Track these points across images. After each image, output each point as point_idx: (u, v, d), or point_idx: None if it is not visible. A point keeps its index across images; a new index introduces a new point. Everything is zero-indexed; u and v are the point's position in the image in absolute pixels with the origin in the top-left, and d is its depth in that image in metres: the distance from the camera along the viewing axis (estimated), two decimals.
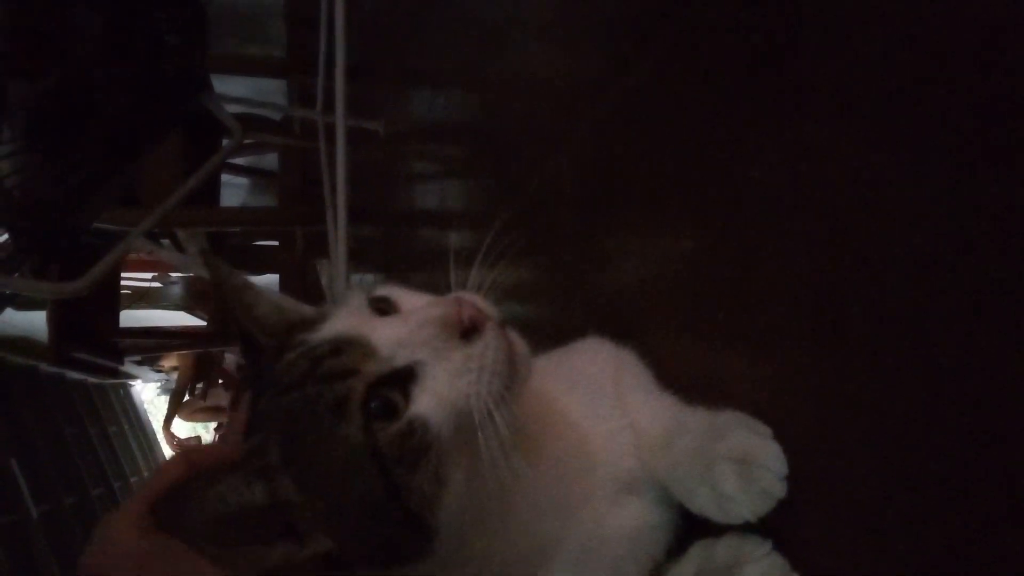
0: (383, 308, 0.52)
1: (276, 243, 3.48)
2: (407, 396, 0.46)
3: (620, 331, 0.69)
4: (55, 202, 1.26)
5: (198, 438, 5.36)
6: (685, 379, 0.63)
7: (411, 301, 0.53)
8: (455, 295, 0.50)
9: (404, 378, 0.46)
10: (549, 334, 0.64)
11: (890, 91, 0.46)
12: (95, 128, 1.27)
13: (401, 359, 0.46)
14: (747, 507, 0.50)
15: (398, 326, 0.48)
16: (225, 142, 1.91)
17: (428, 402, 0.46)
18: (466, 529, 0.48)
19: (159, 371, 4.76)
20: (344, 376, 0.45)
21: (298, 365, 0.47)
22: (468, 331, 0.47)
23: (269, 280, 3.22)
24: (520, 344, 0.50)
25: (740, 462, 0.50)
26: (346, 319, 0.50)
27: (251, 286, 0.53)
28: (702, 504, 0.52)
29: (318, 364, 0.46)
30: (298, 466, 0.45)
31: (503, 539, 0.52)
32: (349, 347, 0.47)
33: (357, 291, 0.55)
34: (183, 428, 5.05)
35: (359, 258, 2.15)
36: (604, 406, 0.60)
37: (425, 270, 0.50)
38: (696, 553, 0.54)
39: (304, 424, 0.45)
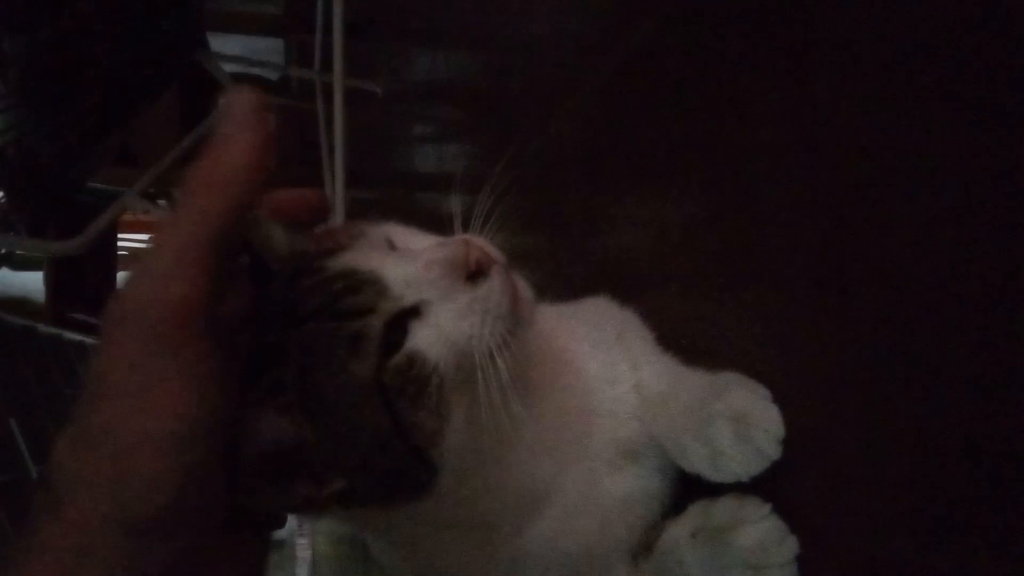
0: (392, 244, 0.52)
1: None
2: (406, 332, 0.46)
3: (620, 294, 0.69)
4: (50, 158, 1.25)
5: None
6: (685, 341, 0.63)
7: (415, 242, 0.53)
8: (463, 237, 0.50)
9: (408, 316, 0.46)
10: (548, 296, 0.64)
11: (902, 48, 0.45)
12: (91, 83, 1.25)
13: (409, 298, 0.46)
14: (741, 465, 0.50)
15: (407, 265, 0.48)
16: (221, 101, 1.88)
17: (427, 338, 0.46)
18: (466, 467, 0.48)
19: None
20: (362, 314, 0.45)
21: (315, 295, 0.46)
22: (474, 273, 0.47)
23: None
24: (525, 288, 0.50)
25: (737, 420, 0.50)
26: (362, 254, 0.49)
27: (265, 217, 0.52)
28: (696, 461, 0.53)
29: (336, 299, 0.46)
30: (311, 403, 0.45)
31: (498, 481, 0.52)
32: (366, 284, 0.47)
33: (377, 226, 0.54)
34: None
35: (356, 221, 2.13)
36: (611, 362, 0.60)
37: (423, 233, 0.50)
38: (694, 513, 0.54)
39: (318, 360, 0.45)
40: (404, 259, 0.49)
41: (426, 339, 0.46)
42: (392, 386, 0.45)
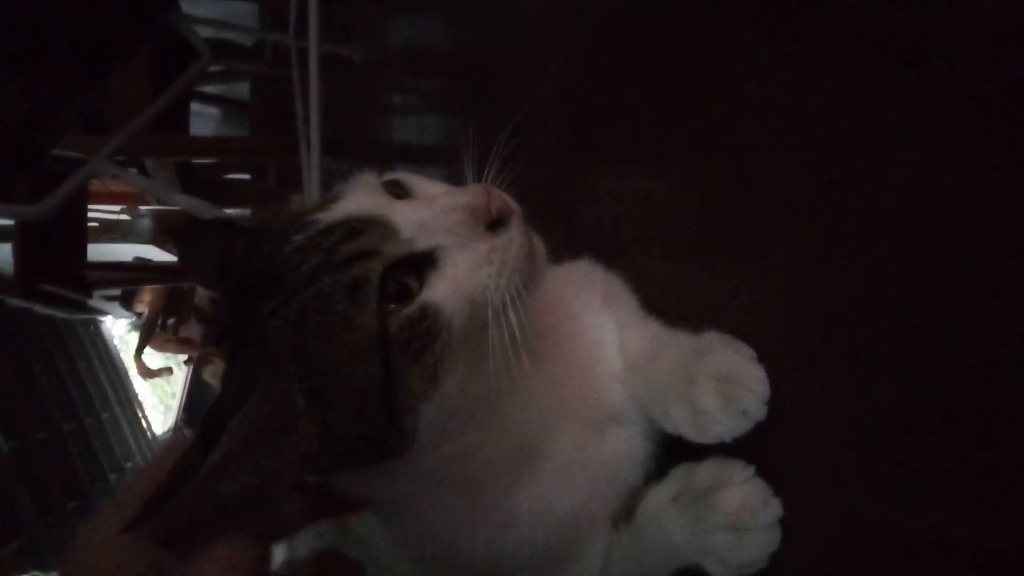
0: (397, 192, 0.50)
1: (247, 176, 3.41)
2: (422, 282, 0.44)
3: (604, 258, 0.68)
4: (17, 119, 1.21)
5: (169, 369, 5.33)
6: (669, 304, 0.62)
7: (427, 188, 0.51)
8: (484, 185, 0.48)
9: (422, 263, 0.45)
10: None
11: (892, 17, 0.44)
12: (58, 43, 1.21)
13: (423, 243, 0.45)
14: (725, 426, 0.49)
15: (422, 209, 0.46)
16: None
17: (444, 289, 0.44)
18: (453, 428, 0.47)
19: (133, 312, 4.68)
20: (363, 258, 0.43)
21: (309, 257, 0.44)
22: (494, 222, 0.46)
23: (240, 214, 3.16)
24: (540, 244, 0.49)
25: (722, 380, 0.50)
26: (361, 200, 0.47)
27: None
28: (678, 421, 0.52)
29: (335, 250, 0.44)
30: (308, 373, 0.43)
31: (489, 440, 0.51)
32: (367, 227, 0.45)
33: (367, 175, 0.52)
34: (155, 358, 5.02)
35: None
36: (598, 324, 0.59)
37: (436, 181, 0.50)
38: (677, 476, 0.54)
39: (315, 324, 0.43)
40: (417, 204, 0.47)
41: (442, 291, 0.44)
42: (397, 338, 0.43)
